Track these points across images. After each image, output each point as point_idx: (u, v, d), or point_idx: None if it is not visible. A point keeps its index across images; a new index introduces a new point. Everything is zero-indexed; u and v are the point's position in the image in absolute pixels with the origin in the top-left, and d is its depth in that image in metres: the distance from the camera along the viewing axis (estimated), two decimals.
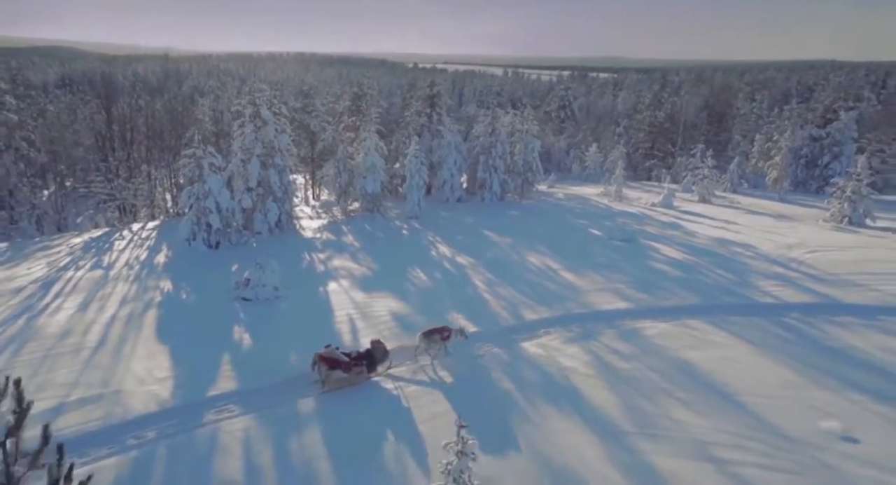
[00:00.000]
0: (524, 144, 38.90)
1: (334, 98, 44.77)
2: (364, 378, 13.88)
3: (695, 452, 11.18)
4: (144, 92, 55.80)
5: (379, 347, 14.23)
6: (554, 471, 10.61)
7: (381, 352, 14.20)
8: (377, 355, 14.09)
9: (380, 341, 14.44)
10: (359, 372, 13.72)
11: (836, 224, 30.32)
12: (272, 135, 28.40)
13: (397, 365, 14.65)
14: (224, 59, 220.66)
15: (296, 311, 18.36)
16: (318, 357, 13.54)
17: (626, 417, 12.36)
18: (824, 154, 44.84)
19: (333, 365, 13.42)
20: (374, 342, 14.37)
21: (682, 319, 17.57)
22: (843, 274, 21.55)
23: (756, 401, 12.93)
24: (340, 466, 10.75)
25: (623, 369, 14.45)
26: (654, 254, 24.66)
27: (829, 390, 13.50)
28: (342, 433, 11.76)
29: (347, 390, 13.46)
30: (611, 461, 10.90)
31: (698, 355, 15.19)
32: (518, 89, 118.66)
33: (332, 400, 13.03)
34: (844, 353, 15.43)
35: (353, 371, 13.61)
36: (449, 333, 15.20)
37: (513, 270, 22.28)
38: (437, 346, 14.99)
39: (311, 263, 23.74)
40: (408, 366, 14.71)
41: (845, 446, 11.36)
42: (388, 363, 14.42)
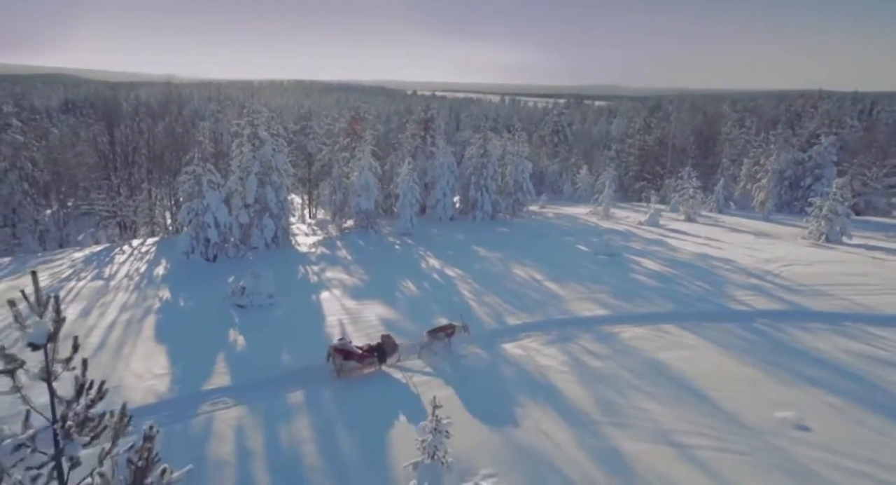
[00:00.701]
0: (515, 166, 40.14)
1: (331, 121, 45.99)
2: (375, 369, 15.05)
3: (656, 437, 12.00)
4: (146, 115, 57.23)
5: (388, 341, 15.38)
6: (525, 452, 11.43)
7: (390, 345, 15.34)
8: (387, 349, 15.23)
9: (390, 336, 15.69)
10: (370, 363, 14.94)
11: (813, 241, 31.33)
12: (269, 154, 29.52)
13: (404, 359, 15.74)
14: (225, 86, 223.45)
15: (289, 316, 19.22)
16: (333, 349, 14.74)
17: (596, 408, 13.19)
18: (807, 176, 46.12)
19: (347, 356, 14.64)
20: (385, 337, 15.60)
21: (657, 325, 18.46)
22: (814, 285, 22.48)
23: (717, 394, 13.78)
24: (326, 448, 11.56)
25: (597, 367, 15.30)
26: (637, 267, 25.61)
27: (787, 384, 14.36)
28: (328, 422, 12.58)
29: (336, 381, 14.30)
30: (579, 445, 11.73)
31: (669, 355, 16.04)
32: (514, 115, 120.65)
33: (322, 391, 13.85)
34: (806, 353, 16.29)
35: (366, 362, 14.85)
36: (453, 330, 16.40)
37: (499, 280, 23.19)
38: (441, 342, 16.16)
39: (306, 274, 24.63)
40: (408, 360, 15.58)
41: (797, 433, 12.18)
42: (397, 356, 15.56)
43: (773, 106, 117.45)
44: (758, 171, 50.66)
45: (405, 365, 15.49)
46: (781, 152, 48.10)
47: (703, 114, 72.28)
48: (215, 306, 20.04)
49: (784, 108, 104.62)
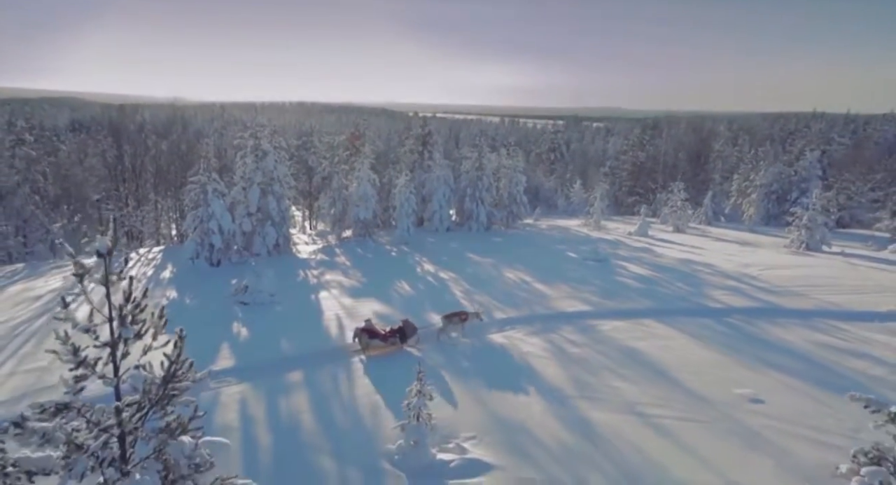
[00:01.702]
0: (509, 179, 41.52)
1: (332, 136, 47.56)
2: (397, 348, 16.55)
3: (624, 409, 13.14)
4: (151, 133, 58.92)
5: (409, 325, 16.93)
6: (502, 420, 12.57)
7: (410, 328, 16.89)
8: (407, 331, 16.79)
9: (409, 321, 17.17)
10: (392, 343, 16.47)
11: (794, 249, 32.53)
12: (272, 165, 30.93)
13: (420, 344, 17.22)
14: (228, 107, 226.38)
15: (289, 312, 20.40)
16: (360, 329, 16.40)
17: (571, 386, 14.33)
18: (793, 190, 47.47)
19: (373, 335, 16.33)
20: (405, 321, 17.11)
21: (636, 319, 19.60)
22: (789, 286, 23.64)
23: (684, 376, 14.92)
24: (322, 416, 12.71)
25: (575, 353, 16.46)
26: (622, 271, 26.79)
27: (749, 368, 15.50)
28: (324, 396, 13.74)
29: (332, 364, 15.47)
30: (553, 415, 12.86)
31: (643, 344, 17.20)
32: (512, 134, 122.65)
33: (320, 372, 15.02)
34: (772, 343, 17.43)
35: (389, 341, 16.42)
36: (467, 316, 17.95)
37: (489, 282, 24.38)
38: (456, 326, 17.68)
39: (305, 277, 25.83)
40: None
41: (752, 406, 13.31)
42: (416, 338, 17.06)
43: (767, 126, 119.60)
44: (748, 186, 52.16)
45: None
46: (769, 167, 49.58)
47: (695, 132, 74.08)
48: (220, 303, 21.23)
49: (778, 128, 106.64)
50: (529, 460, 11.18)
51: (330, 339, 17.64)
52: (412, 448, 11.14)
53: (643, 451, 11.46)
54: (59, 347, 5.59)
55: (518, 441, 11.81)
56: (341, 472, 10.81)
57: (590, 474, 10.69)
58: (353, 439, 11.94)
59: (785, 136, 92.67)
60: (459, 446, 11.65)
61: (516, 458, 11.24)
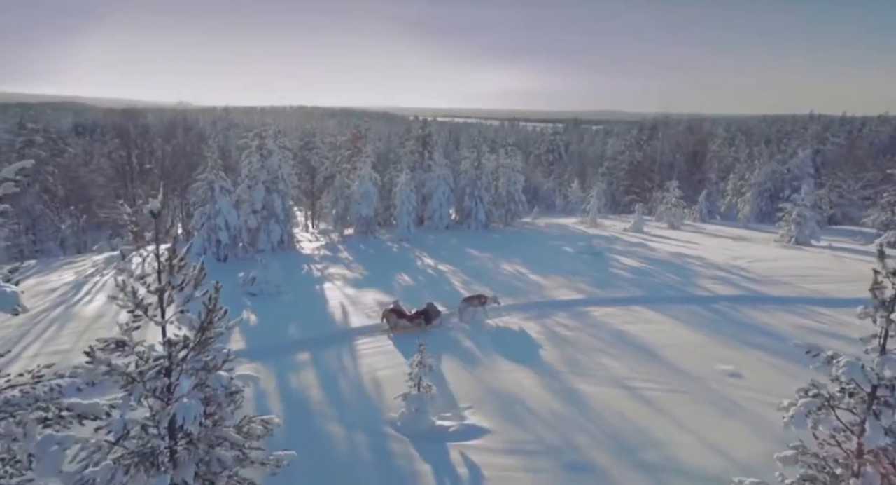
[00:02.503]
0: (508, 178, 42.44)
1: (334, 136, 48.54)
2: (421, 328, 17.75)
3: (612, 383, 14.07)
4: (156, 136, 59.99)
5: (432, 308, 18.29)
6: (498, 392, 13.52)
7: (433, 311, 18.24)
8: (431, 313, 18.12)
9: (433, 304, 18.50)
10: (418, 323, 17.78)
11: (784, 244, 33.43)
12: (276, 164, 31.89)
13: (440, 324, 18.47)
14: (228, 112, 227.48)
15: (295, 301, 21.34)
16: (389, 310, 17.80)
17: (562, 363, 15.27)
18: (786, 188, 48.35)
19: (401, 316, 17.71)
20: (429, 304, 18.45)
21: (627, 306, 20.53)
22: (775, 276, 24.55)
23: (669, 354, 15.86)
24: (329, 390, 13.66)
25: (567, 336, 17.40)
26: (616, 263, 27.71)
27: (731, 348, 16.43)
28: (331, 373, 14.68)
29: (338, 345, 16.41)
30: (544, 388, 13.80)
31: (632, 327, 18.13)
32: (512, 136, 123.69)
33: (327, 352, 15.96)
34: (755, 326, 18.36)
35: (415, 322, 17.77)
36: (485, 300, 19.13)
37: (487, 274, 25.30)
38: (475, 309, 18.92)
39: (310, 271, 26.77)
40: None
41: (732, 380, 14.25)
42: (439, 319, 18.30)
43: (765, 127, 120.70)
44: (742, 185, 53.10)
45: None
46: (763, 166, 50.52)
47: (693, 133, 75.05)
48: (228, 294, 21.84)
49: (775, 129, 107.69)
50: (522, 425, 12.11)
51: (335, 324, 18.60)
52: (414, 415, 12.07)
53: (627, 417, 12.39)
54: (118, 293, 6.49)
55: (512, 410, 12.75)
56: (349, 437, 11.74)
57: (577, 437, 11.61)
58: (358, 409, 12.89)
59: (781, 137, 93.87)
60: (458, 414, 12.59)
61: (510, 424, 12.17)
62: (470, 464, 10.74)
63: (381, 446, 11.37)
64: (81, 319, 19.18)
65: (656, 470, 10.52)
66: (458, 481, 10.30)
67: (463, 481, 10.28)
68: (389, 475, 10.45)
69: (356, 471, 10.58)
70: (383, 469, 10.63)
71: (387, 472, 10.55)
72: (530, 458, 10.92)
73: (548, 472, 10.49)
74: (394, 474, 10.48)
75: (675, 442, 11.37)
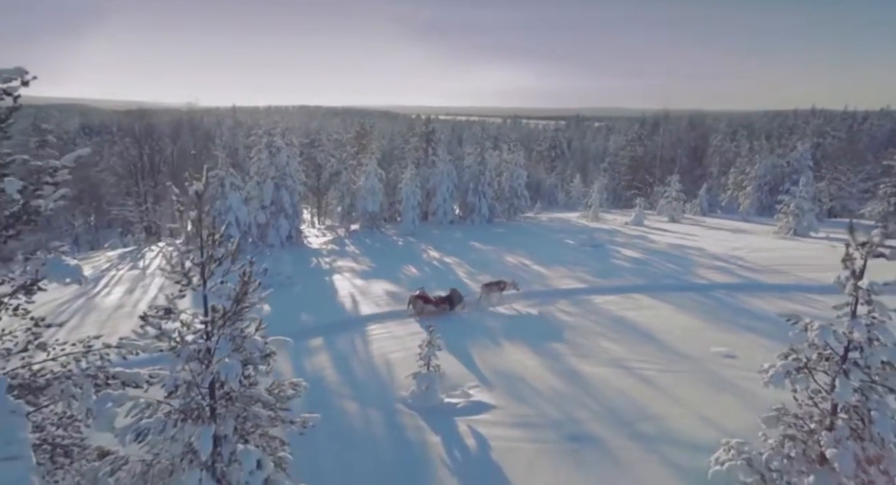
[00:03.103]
0: (510, 173, 43.15)
1: (340, 133, 49.31)
2: (445, 313, 18.85)
3: (611, 363, 14.80)
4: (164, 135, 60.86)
5: (456, 293, 19.49)
6: (503, 372, 14.26)
7: (457, 296, 19.43)
8: (454, 299, 19.30)
9: (456, 290, 19.64)
10: (443, 308, 18.96)
11: (782, 235, 34.08)
12: (284, 160, 32.65)
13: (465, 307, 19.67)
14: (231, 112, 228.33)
15: (306, 291, 22.11)
16: (415, 296, 18.86)
17: (563, 346, 16.02)
18: (785, 181, 48.89)
19: (426, 301, 18.80)
20: (453, 290, 19.61)
21: (627, 294, 21.24)
22: (772, 265, 25.21)
23: (667, 338, 16.56)
24: (343, 371, 14.42)
25: (568, 321, 18.13)
26: (617, 254, 28.40)
27: (726, 332, 17.13)
28: (344, 356, 15.44)
29: (349, 331, 17.16)
30: (545, 368, 14.54)
31: (632, 314, 18.84)
32: (514, 133, 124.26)
33: (339, 338, 16.72)
34: (750, 312, 19.04)
35: (440, 307, 18.94)
36: (505, 285, 20.16)
37: (491, 265, 26.01)
38: (495, 295, 19.95)
39: (318, 264, 27.52)
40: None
41: (726, 361, 14.96)
42: (462, 304, 19.51)
43: (766, 122, 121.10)
44: (743, 179, 53.72)
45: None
46: (762, 160, 51.12)
47: (694, 128, 75.60)
48: None
49: (777, 124, 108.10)
50: (526, 401, 12.85)
51: (346, 312, 19.37)
52: (424, 393, 12.81)
53: (625, 394, 13.12)
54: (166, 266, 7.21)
55: (516, 388, 13.48)
56: (363, 412, 12.49)
57: (578, 411, 12.34)
58: (371, 388, 13.64)
59: (783, 131, 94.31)
60: (465, 392, 13.32)
61: (514, 400, 12.91)
62: (477, 435, 11.47)
63: (394, 421, 12.12)
64: (102, 310, 19.99)
65: (652, 440, 11.23)
66: (466, 450, 11.03)
67: (471, 451, 11.00)
68: (402, 445, 11.20)
69: (371, 442, 11.33)
70: (396, 440, 11.38)
71: (399, 442, 11.30)
72: (534, 430, 11.65)
73: (550, 443, 11.21)
74: (406, 445, 11.23)
75: (670, 415, 12.09)
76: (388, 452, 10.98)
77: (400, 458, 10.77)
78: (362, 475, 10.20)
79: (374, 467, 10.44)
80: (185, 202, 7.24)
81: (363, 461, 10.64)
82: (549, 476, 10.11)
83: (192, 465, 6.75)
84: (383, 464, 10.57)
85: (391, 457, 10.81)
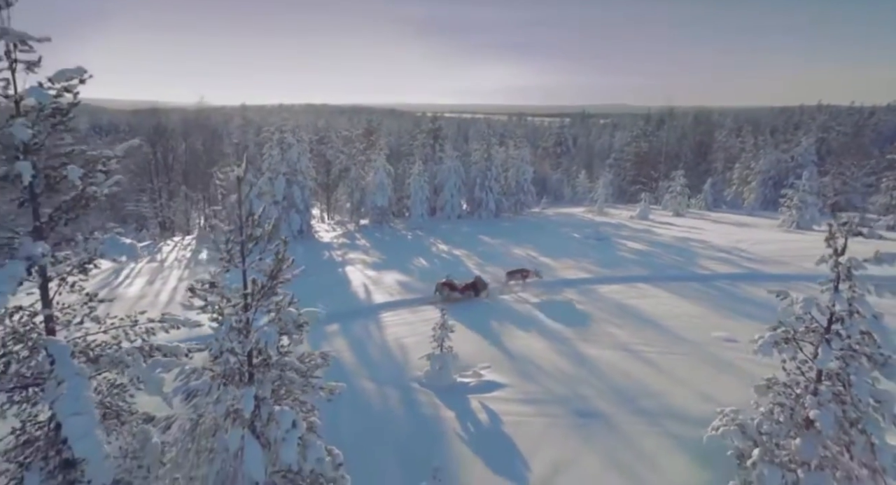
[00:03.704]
0: (517, 169, 43.83)
1: (349, 129, 50.06)
2: (470, 299, 19.92)
3: (616, 347, 15.50)
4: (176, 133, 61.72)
5: (480, 281, 20.68)
6: (512, 354, 15.00)
7: (481, 283, 20.56)
8: (479, 286, 20.36)
9: (480, 277, 20.73)
10: (468, 295, 20.00)
11: (786, 228, 34.61)
12: (296, 157, 33.43)
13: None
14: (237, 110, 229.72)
15: (320, 282, 22.82)
16: (442, 283, 19.98)
17: (569, 330, 16.73)
18: (789, 176, 49.35)
19: (453, 288, 19.89)
20: (477, 277, 20.73)
21: (631, 283, 21.91)
22: (773, 256, 25.81)
23: (669, 323, 17.25)
24: (360, 354, 15.17)
25: (573, 309, 18.81)
26: (622, 247, 29.04)
27: (727, 318, 17.80)
28: (360, 341, 16.19)
29: (363, 318, 17.90)
30: (553, 351, 15.26)
31: (636, 302, 19.52)
32: (519, 130, 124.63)
33: (354, 324, 17.47)
34: (750, 300, 19.67)
35: (466, 294, 20.01)
36: (528, 274, 21.18)
37: (499, 257, 26.70)
38: (519, 282, 20.98)
39: (331, 257, 28.27)
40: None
41: (726, 344, 15.63)
42: (486, 291, 20.47)
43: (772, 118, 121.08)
44: (748, 174, 54.16)
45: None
46: (767, 155, 51.58)
47: (699, 124, 75.95)
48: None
49: (783, 120, 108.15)
50: (534, 380, 13.56)
51: (360, 300, 20.12)
52: (437, 373, 13.54)
53: (629, 374, 13.82)
54: (212, 244, 7.94)
55: (525, 369, 14.20)
56: (380, 390, 13.23)
57: (583, 390, 13.05)
58: (387, 369, 14.39)
59: (789, 127, 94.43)
60: (476, 372, 14.04)
61: (523, 380, 13.63)
62: (489, 411, 12.20)
63: (410, 398, 12.86)
64: (126, 299, 20.78)
65: (653, 414, 11.93)
66: (479, 424, 11.75)
67: (483, 425, 11.73)
68: (418, 419, 11.94)
69: (389, 415, 12.09)
70: (412, 414, 12.12)
71: (416, 417, 12.04)
72: (543, 406, 12.37)
73: (558, 417, 11.92)
74: (422, 419, 11.97)
75: (670, 393, 12.78)
76: (405, 424, 11.73)
77: (416, 430, 11.52)
78: (382, 444, 10.95)
79: (393, 437, 11.20)
80: (228, 186, 7.97)
81: (382, 432, 11.40)
82: (557, 447, 10.82)
83: (234, 424, 7.49)
84: (401, 435, 11.32)
85: (408, 429, 11.55)
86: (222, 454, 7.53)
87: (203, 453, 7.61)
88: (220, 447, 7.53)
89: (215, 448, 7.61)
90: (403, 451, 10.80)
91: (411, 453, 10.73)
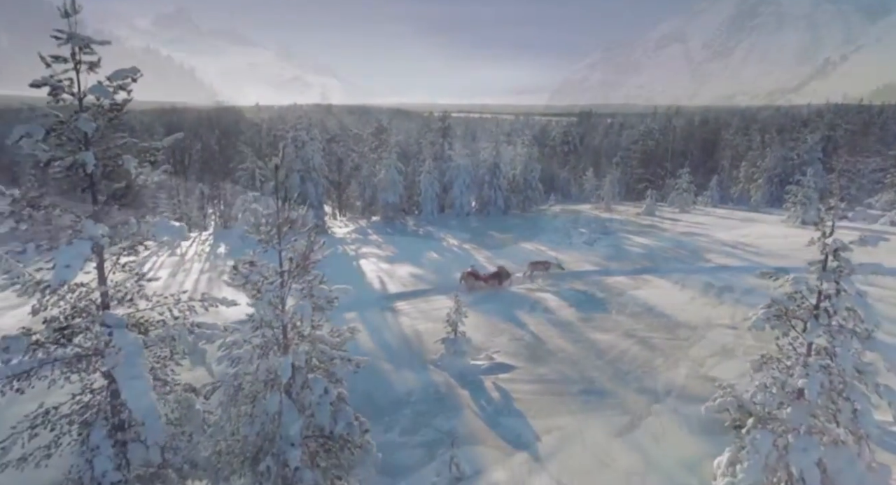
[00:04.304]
0: (525, 166, 44.51)
1: (360, 128, 50.93)
2: (494, 288, 20.75)
3: (621, 333, 16.23)
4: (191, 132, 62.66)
5: (503, 270, 21.50)
6: (522, 340, 15.76)
7: (505, 273, 21.33)
8: (503, 275, 21.16)
9: (503, 267, 21.64)
10: (492, 284, 20.83)
11: (791, 224, 35.12)
12: (310, 154, 34.27)
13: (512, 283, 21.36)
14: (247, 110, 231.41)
15: (335, 273, 23.01)
16: (467, 273, 20.97)
17: (577, 318, 17.46)
18: (795, 173, 49.76)
19: (477, 277, 20.85)
20: (500, 268, 21.63)
21: (636, 275, 22.59)
22: (778, 251, 26.40)
23: (671, 311, 17.95)
24: (378, 340, 15.95)
25: (581, 298, 19.52)
26: (628, 241, 29.70)
27: (730, 306, 18.50)
28: (378, 328, 16.97)
29: (379, 307, 18.68)
30: (562, 336, 15.99)
31: (641, 292, 20.22)
32: (526, 129, 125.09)
33: (371, 312, 18.26)
34: (754, 290, 20.25)
35: (489, 283, 20.84)
36: (549, 265, 22.10)
37: (508, 250, 27.45)
38: (540, 273, 21.81)
39: (345, 251, 29.07)
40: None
41: (727, 330, 16.34)
42: (509, 281, 21.26)
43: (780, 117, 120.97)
44: (755, 172, 54.61)
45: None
46: (773, 152, 52.03)
47: (706, 122, 76.34)
48: None
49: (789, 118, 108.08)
50: (544, 363, 14.30)
51: (375, 291, 20.89)
52: (452, 356, 14.30)
53: (633, 357, 14.54)
54: (249, 227, 8.72)
55: (535, 353, 14.95)
56: (398, 372, 14.01)
57: (590, 371, 13.78)
58: (403, 352, 15.17)
59: (795, 125, 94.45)
60: (489, 356, 14.79)
61: (534, 362, 14.37)
62: (501, 389, 12.95)
63: (426, 378, 13.63)
64: (150, 291, 21.62)
65: (655, 393, 12.65)
66: (492, 400, 12.52)
67: (496, 401, 12.49)
68: (435, 396, 12.71)
69: (408, 393, 12.86)
70: (430, 392, 12.89)
71: (433, 394, 12.82)
72: (552, 385, 13.12)
73: (566, 395, 12.66)
74: (438, 396, 12.74)
75: (673, 374, 13.50)
76: (423, 401, 12.50)
77: (433, 405, 12.31)
78: (403, 416, 11.74)
79: (412, 411, 12.00)
80: (267, 175, 8.76)
81: (402, 406, 12.18)
82: (565, 420, 11.56)
83: (273, 390, 8.28)
84: (419, 410, 12.10)
85: (426, 406, 12.32)
86: (261, 417, 8.31)
87: (244, 417, 8.41)
88: (259, 411, 8.32)
89: (254, 412, 8.40)
90: (422, 422, 11.58)
91: (429, 424, 11.51)
